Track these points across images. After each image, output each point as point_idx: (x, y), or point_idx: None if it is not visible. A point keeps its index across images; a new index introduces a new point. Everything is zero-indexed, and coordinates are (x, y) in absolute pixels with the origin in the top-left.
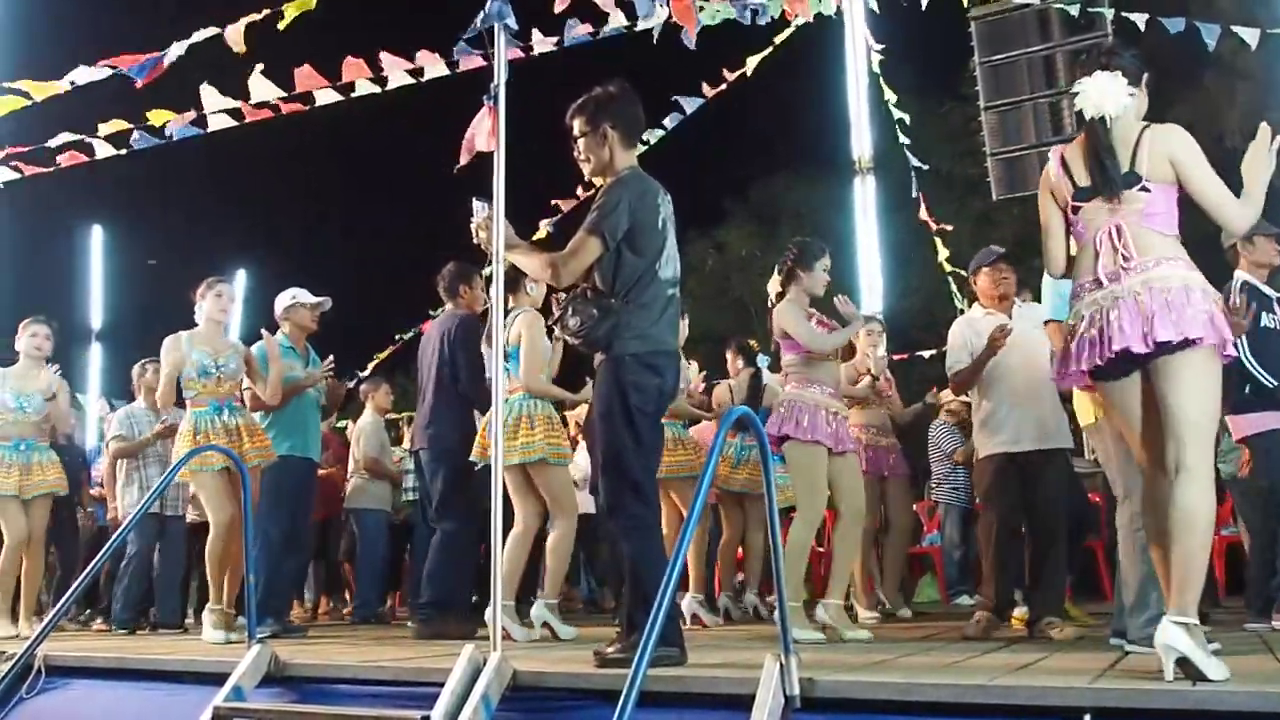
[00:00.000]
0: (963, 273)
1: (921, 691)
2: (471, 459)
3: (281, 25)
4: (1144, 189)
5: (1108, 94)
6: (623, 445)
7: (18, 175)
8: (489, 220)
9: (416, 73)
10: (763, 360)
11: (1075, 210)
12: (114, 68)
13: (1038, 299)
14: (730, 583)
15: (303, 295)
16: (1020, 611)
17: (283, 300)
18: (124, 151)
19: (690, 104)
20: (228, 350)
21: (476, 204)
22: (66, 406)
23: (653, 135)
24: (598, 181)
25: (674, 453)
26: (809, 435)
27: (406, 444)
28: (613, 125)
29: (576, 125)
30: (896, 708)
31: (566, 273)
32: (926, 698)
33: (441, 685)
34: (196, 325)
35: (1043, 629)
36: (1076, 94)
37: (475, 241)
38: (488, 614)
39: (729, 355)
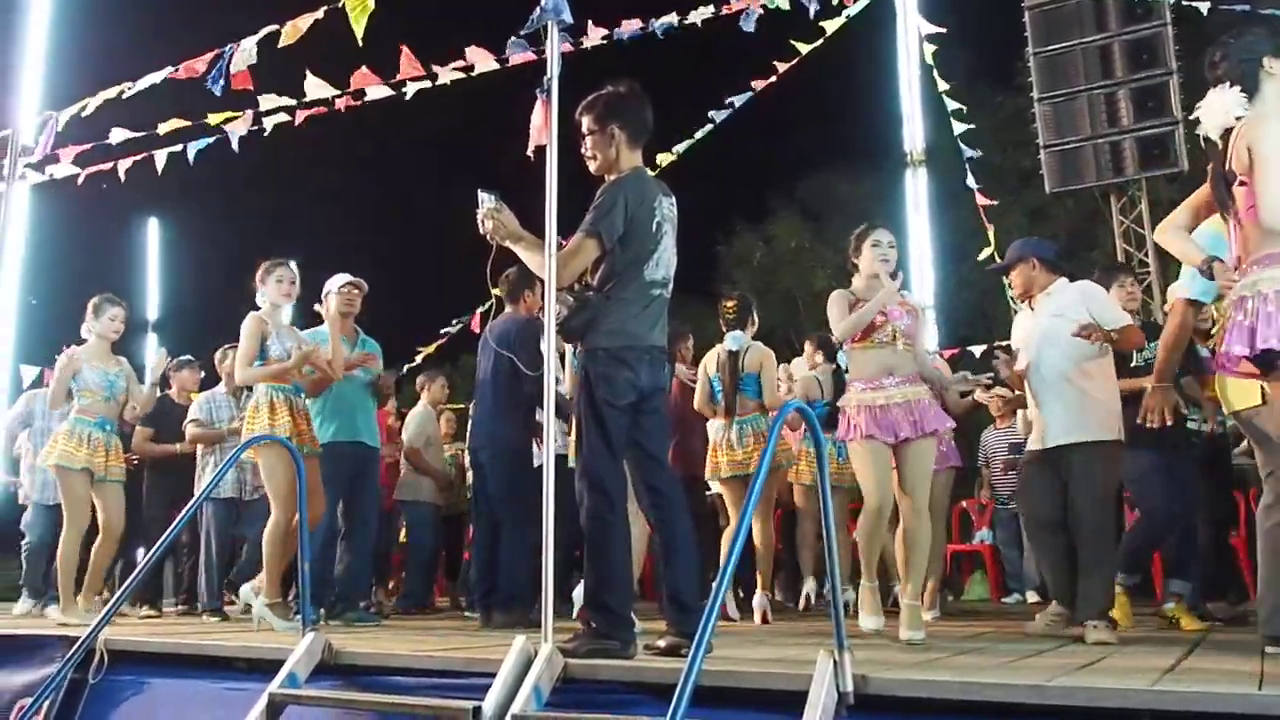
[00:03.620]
0: None
1: (978, 691)
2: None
3: (360, 41)
4: (1241, 183)
5: (1214, 112)
6: (589, 437)
7: (76, 171)
8: (494, 211)
9: (468, 68)
10: (735, 339)
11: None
12: (190, 75)
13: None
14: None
15: (333, 281)
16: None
17: (326, 287)
18: (180, 147)
19: (740, 98)
20: (286, 333)
21: (482, 195)
22: (149, 391)
23: (702, 130)
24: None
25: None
26: (859, 434)
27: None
28: (620, 125)
29: (585, 122)
30: (952, 707)
31: (565, 273)
32: (983, 697)
33: (493, 676)
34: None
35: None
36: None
37: (481, 232)
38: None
39: (807, 347)
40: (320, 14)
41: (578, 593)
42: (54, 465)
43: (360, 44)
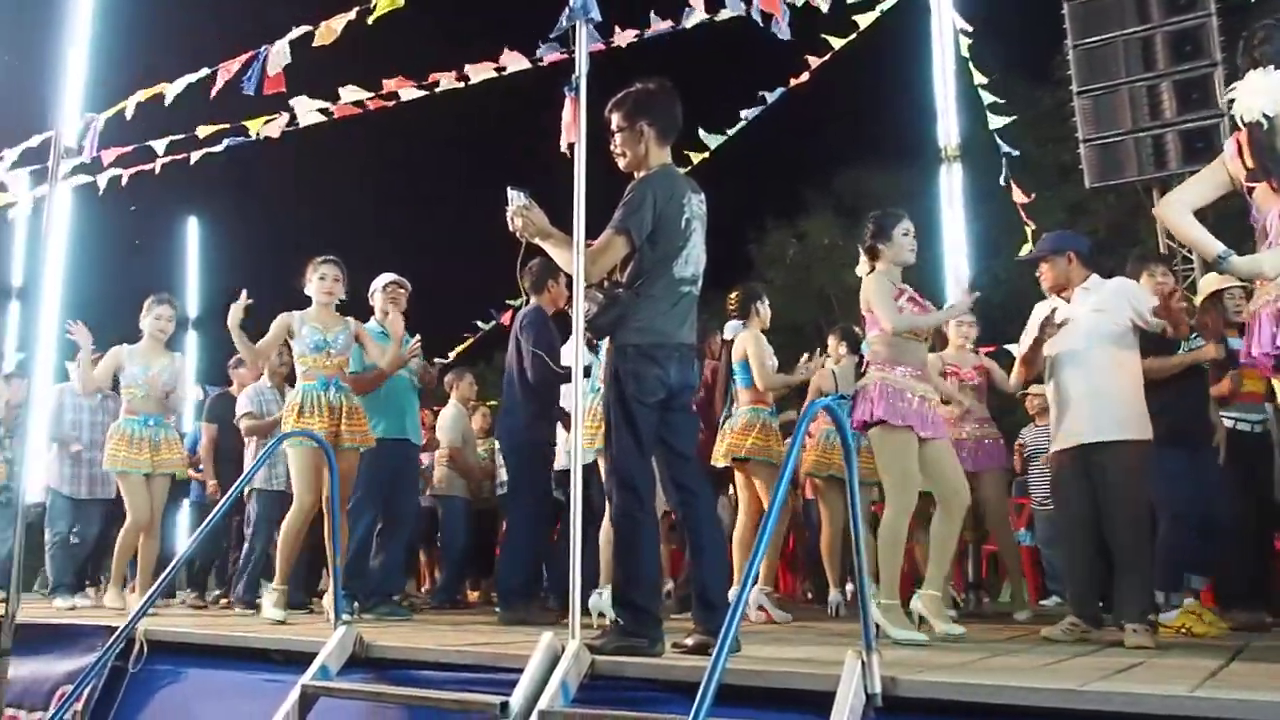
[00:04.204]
0: None
1: (1011, 694)
2: None
3: (371, 19)
4: None
5: (1259, 93)
6: (618, 435)
7: (117, 172)
8: (523, 208)
9: (499, 69)
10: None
11: (1249, 192)
12: (221, 75)
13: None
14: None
15: (379, 280)
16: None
17: (371, 286)
18: (219, 148)
19: (772, 94)
20: (338, 326)
21: (511, 192)
22: (183, 391)
23: (734, 127)
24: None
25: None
26: (899, 419)
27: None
28: (650, 122)
29: (614, 119)
30: (983, 710)
31: (594, 269)
32: (1016, 701)
33: (520, 671)
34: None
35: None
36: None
37: (511, 229)
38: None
39: (831, 340)
40: (353, 14)
41: (593, 601)
42: (119, 470)
43: (370, 24)
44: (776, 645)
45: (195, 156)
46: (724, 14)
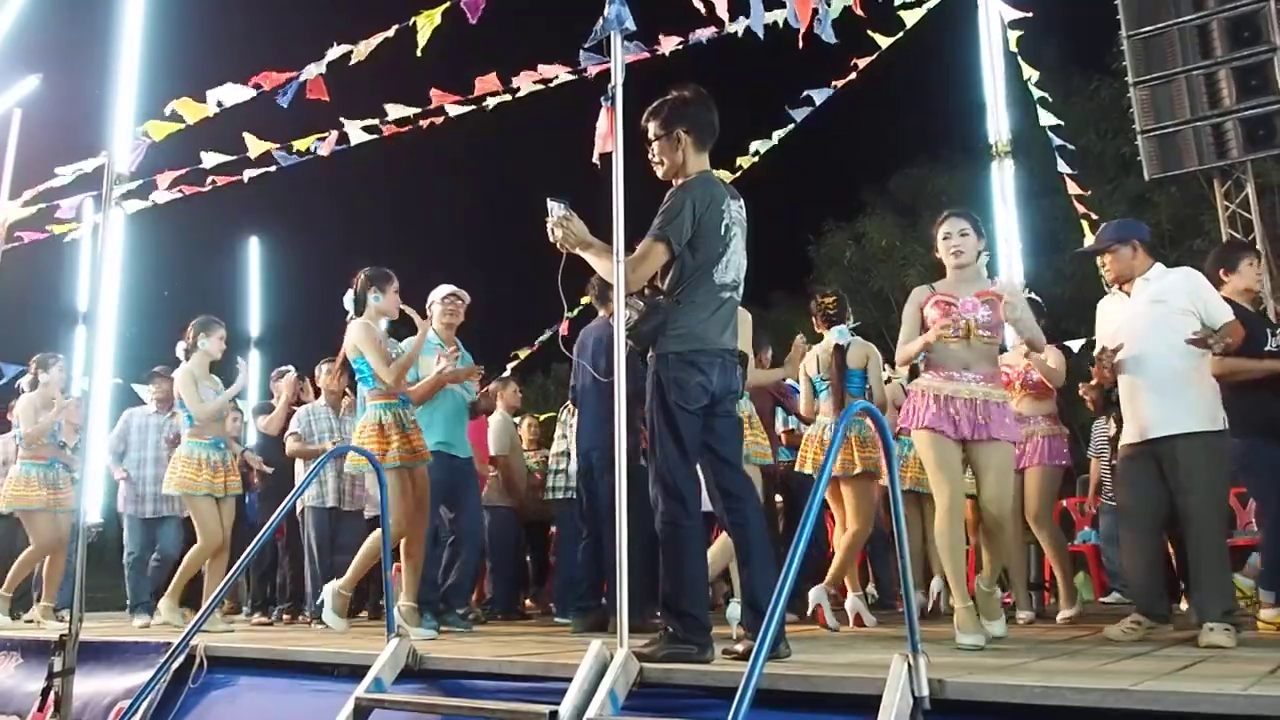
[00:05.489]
0: None
1: (1059, 695)
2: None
3: (418, 51)
4: None
5: None
6: (662, 442)
7: (179, 195)
8: (564, 219)
9: (544, 80)
10: (840, 332)
11: None
12: (259, 87)
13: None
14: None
15: (437, 291)
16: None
17: (430, 298)
18: (273, 169)
19: (819, 95)
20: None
21: (551, 203)
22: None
23: (782, 130)
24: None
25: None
26: (915, 423)
27: (558, 445)
28: (686, 130)
29: (651, 128)
30: (1031, 713)
31: (635, 277)
32: (1064, 702)
33: (570, 680)
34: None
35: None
36: None
37: (551, 240)
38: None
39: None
40: (391, 32)
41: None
42: (180, 493)
43: (420, 54)
44: (828, 650)
45: (248, 175)
46: (737, 25)
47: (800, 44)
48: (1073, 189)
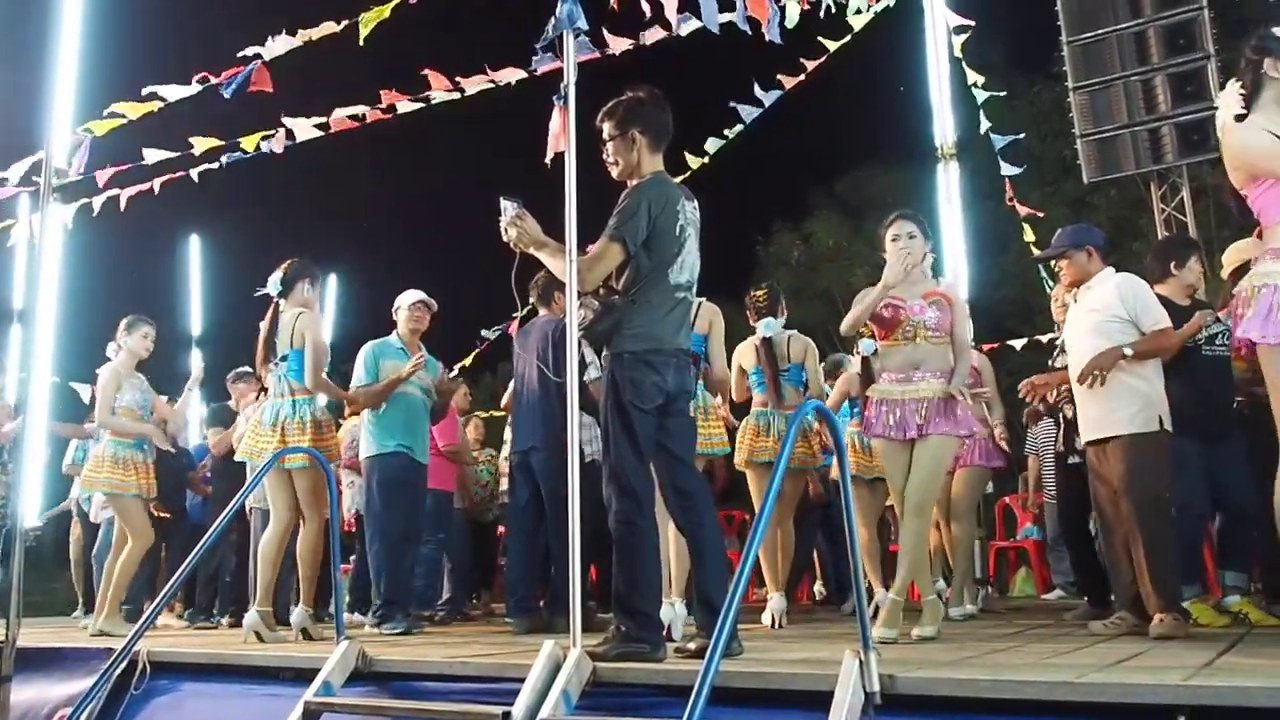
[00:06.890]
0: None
1: (1006, 689)
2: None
3: (361, 41)
4: None
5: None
6: (616, 441)
7: (115, 192)
8: (517, 218)
9: (494, 82)
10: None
11: None
12: (205, 80)
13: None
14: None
15: (404, 297)
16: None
17: (396, 302)
18: (217, 165)
19: (768, 98)
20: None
21: (504, 202)
22: (180, 406)
23: (731, 130)
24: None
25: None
26: (868, 430)
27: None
28: (641, 130)
29: (606, 129)
30: (980, 705)
31: (590, 277)
32: (1012, 695)
33: (522, 681)
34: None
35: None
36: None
37: (505, 239)
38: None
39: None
40: (340, 27)
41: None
42: (110, 494)
43: (361, 43)
44: (780, 648)
45: (194, 174)
46: (689, 27)
47: (753, 44)
48: (1010, 192)
